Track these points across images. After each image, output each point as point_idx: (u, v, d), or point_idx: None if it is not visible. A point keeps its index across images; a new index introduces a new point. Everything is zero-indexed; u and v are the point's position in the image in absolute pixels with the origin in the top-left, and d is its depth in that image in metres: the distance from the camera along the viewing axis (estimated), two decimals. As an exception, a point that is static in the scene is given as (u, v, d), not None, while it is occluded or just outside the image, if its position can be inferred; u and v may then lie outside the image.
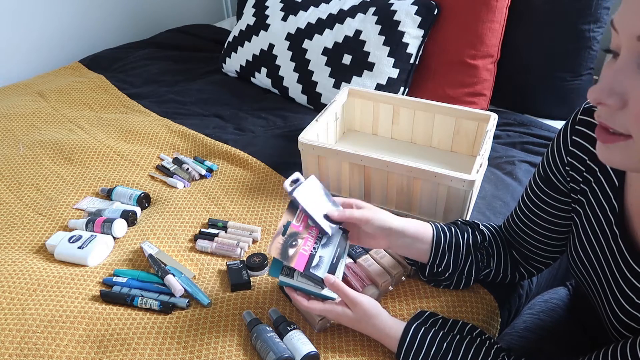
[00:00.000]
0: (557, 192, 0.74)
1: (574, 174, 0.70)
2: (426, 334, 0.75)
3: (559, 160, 0.72)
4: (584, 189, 0.69)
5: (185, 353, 0.80)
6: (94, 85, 1.67)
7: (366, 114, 1.33)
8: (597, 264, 0.68)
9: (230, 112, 1.51)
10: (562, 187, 0.73)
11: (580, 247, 0.70)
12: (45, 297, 0.89)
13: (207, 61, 1.84)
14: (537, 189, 0.76)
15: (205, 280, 0.94)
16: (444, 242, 0.83)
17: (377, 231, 0.80)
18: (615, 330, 0.65)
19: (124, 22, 2.14)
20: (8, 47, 1.79)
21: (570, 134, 0.69)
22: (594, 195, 0.67)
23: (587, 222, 0.69)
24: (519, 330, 0.90)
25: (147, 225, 1.06)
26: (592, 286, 0.71)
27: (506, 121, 1.40)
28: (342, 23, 1.47)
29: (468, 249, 0.84)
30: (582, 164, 0.68)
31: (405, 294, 0.91)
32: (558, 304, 0.94)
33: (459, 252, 0.84)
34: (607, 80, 0.49)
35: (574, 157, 0.69)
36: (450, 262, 0.84)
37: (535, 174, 0.78)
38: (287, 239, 0.77)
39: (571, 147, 0.69)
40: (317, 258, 0.78)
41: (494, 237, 0.87)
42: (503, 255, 0.87)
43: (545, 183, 0.75)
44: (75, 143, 1.33)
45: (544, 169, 0.75)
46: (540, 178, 0.76)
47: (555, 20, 1.36)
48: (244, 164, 1.26)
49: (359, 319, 0.77)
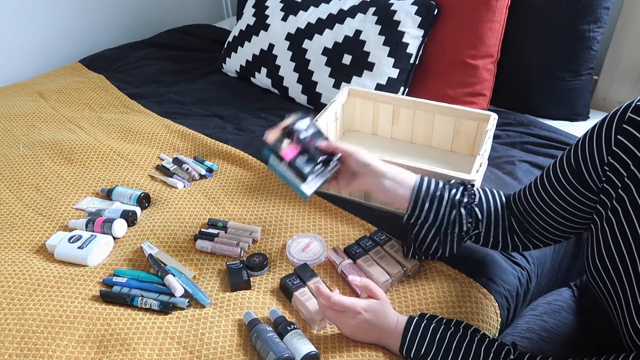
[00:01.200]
0: (585, 188, 0.70)
1: (612, 176, 0.65)
2: (429, 324, 0.75)
3: (597, 158, 0.67)
4: (622, 195, 0.63)
5: (185, 353, 0.80)
6: (94, 85, 1.67)
7: (366, 114, 1.33)
8: (624, 275, 0.64)
9: (230, 112, 1.51)
10: (593, 185, 0.69)
11: (608, 256, 0.66)
12: (45, 297, 0.89)
13: (207, 61, 1.84)
14: (562, 177, 0.73)
15: (205, 280, 0.94)
16: (426, 190, 0.82)
17: (359, 168, 0.85)
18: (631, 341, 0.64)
19: (124, 22, 2.14)
20: (8, 47, 1.79)
21: (615, 132, 0.64)
22: (633, 205, 0.62)
23: (620, 233, 0.64)
24: (521, 331, 0.89)
25: (147, 225, 1.06)
26: (611, 294, 0.67)
27: (506, 121, 1.40)
28: (342, 23, 1.47)
29: (452, 204, 0.83)
30: (625, 168, 0.63)
31: (405, 294, 0.91)
32: (562, 305, 0.93)
33: (442, 204, 0.82)
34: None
35: (616, 158, 0.64)
36: (430, 213, 0.83)
37: (564, 162, 0.73)
38: (285, 134, 0.91)
39: (614, 147, 0.64)
40: (303, 157, 0.90)
41: (488, 200, 0.85)
42: (501, 220, 0.84)
43: (574, 175, 0.71)
44: (75, 143, 1.33)
45: (576, 161, 0.70)
46: (569, 168, 0.72)
47: (555, 20, 1.36)
48: (244, 164, 1.26)
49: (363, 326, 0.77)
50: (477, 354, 0.71)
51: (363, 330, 0.79)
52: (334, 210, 1.11)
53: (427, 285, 0.92)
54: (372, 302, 0.79)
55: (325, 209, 1.12)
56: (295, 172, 0.89)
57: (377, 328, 0.78)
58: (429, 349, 0.74)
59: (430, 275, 0.95)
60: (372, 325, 0.78)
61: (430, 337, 0.74)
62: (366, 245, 0.98)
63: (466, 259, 0.97)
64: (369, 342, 0.80)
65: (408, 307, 0.88)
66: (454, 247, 0.89)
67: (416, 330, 0.75)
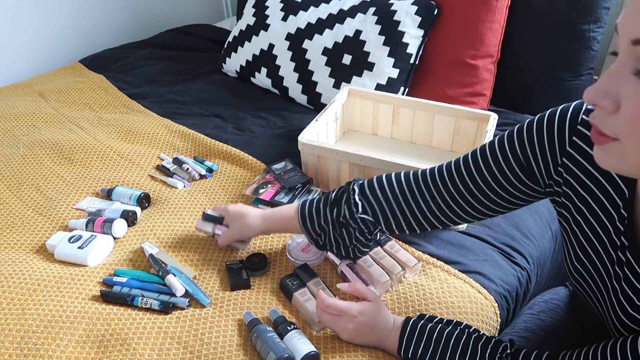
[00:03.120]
0: (533, 182, 0.70)
1: (569, 177, 0.66)
2: (426, 325, 0.75)
3: (550, 157, 0.67)
4: (584, 196, 0.65)
5: (185, 353, 0.80)
6: (94, 85, 1.67)
7: (366, 114, 1.33)
8: (603, 272, 0.65)
9: (230, 112, 1.51)
10: (541, 181, 0.69)
11: (584, 255, 0.68)
12: (45, 297, 0.89)
13: (207, 61, 1.84)
14: (505, 167, 0.70)
15: (205, 280, 0.94)
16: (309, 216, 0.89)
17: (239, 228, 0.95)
18: (619, 333, 0.65)
19: (124, 22, 2.14)
20: (8, 47, 1.79)
21: (569, 134, 0.65)
22: (598, 204, 0.63)
23: (591, 231, 0.65)
24: (519, 330, 0.90)
25: (147, 225, 1.06)
26: (594, 293, 0.69)
27: (506, 121, 1.40)
28: (342, 23, 1.47)
29: (340, 224, 0.87)
30: (580, 169, 0.64)
31: (405, 294, 0.91)
32: (558, 304, 0.94)
33: (328, 230, 0.88)
34: (603, 82, 0.49)
35: (570, 159, 0.65)
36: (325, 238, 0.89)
37: (507, 150, 0.70)
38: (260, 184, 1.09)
39: (569, 148, 0.65)
40: (282, 194, 1.08)
41: (377, 197, 0.83)
42: (405, 206, 0.81)
43: (522, 170, 0.69)
44: (75, 143, 1.33)
45: (524, 155, 0.69)
46: (515, 160, 0.69)
47: (555, 20, 1.36)
48: (244, 164, 1.26)
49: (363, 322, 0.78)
50: (475, 351, 0.71)
51: (361, 333, 0.79)
52: (334, 210, 1.11)
53: (426, 285, 0.92)
54: (367, 305, 0.79)
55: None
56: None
57: (374, 330, 0.78)
58: (427, 348, 0.74)
59: (430, 275, 0.95)
60: (369, 328, 0.78)
61: (427, 337, 0.74)
62: (366, 245, 0.98)
63: (466, 259, 0.98)
64: (368, 345, 0.80)
65: (408, 307, 0.88)
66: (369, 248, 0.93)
67: (413, 330, 0.76)
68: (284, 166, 1.16)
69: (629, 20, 0.47)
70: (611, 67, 0.50)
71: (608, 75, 0.49)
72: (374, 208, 0.83)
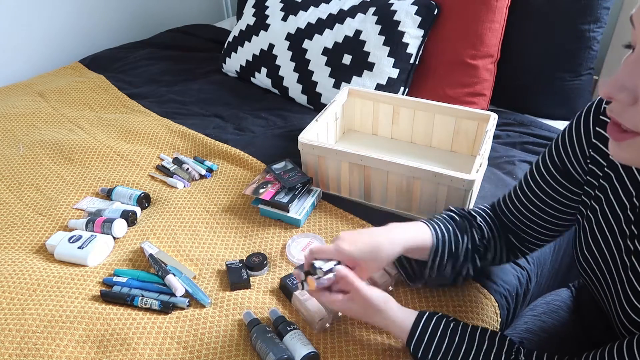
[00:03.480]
0: (573, 184, 0.71)
1: (594, 167, 0.67)
2: (438, 323, 0.74)
3: (579, 152, 0.69)
4: (604, 185, 0.66)
5: (185, 353, 0.80)
6: (94, 85, 1.67)
7: (366, 114, 1.33)
8: (611, 261, 0.66)
9: (230, 112, 1.51)
10: (579, 178, 0.71)
11: (594, 244, 0.68)
12: (45, 297, 0.89)
13: (207, 61, 1.84)
14: (548, 175, 0.74)
15: (205, 280, 0.94)
16: (442, 250, 0.80)
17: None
18: (624, 328, 0.65)
19: (124, 22, 2.14)
20: (8, 47, 1.79)
21: (592, 124, 0.66)
22: (614, 193, 0.65)
23: (604, 220, 0.66)
24: (520, 331, 0.90)
25: (147, 225, 1.06)
26: (601, 283, 0.69)
27: (506, 121, 1.41)
28: (342, 23, 1.47)
29: (466, 253, 0.82)
30: (604, 158, 0.66)
31: (405, 293, 0.91)
32: (560, 305, 0.94)
33: (458, 258, 0.81)
34: (619, 75, 0.48)
35: (596, 150, 0.66)
36: (449, 269, 0.82)
37: (547, 161, 0.74)
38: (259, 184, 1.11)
39: (594, 140, 0.66)
40: (281, 194, 1.08)
41: (489, 227, 0.85)
42: (500, 242, 0.85)
43: (561, 173, 0.72)
44: (75, 143, 1.33)
45: (559, 158, 0.72)
46: (554, 166, 0.73)
47: (555, 20, 1.36)
48: (244, 164, 1.26)
49: (368, 312, 0.75)
50: (491, 345, 0.70)
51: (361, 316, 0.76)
52: (334, 210, 1.11)
53: (427, 285, 0.92)
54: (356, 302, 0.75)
55: (325, 209, 1.12)
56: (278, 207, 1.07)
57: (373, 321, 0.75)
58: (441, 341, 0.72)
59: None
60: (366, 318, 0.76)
61: (438, 339, 0.72)
62: (366, 245, 0.98)
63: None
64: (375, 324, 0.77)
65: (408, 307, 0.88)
66: (464, 280, 0.89)
67: (424, 332, 0.73)
68: (284, 166, 1.16)
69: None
70: (627, 60, 0.49)
71: (625, 68, 0.48)
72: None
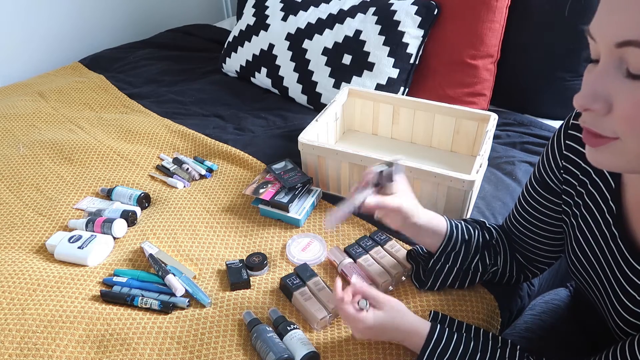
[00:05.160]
0: (553, 194, 0.75)
1: (568, 177, 0.71)
2: (452, 335, 0.73)
3: (554, 164, 0.73)
4: (580, 191, 0.70)
5: (185, 353, 0.80)
6: (94, 85, 1.67)
7: (366, 114, 1.33)
8: (597, 264, 0.68)
9: (230, 112, 1.51)
10: (557, 189, 0.74)
11: (579, 249, 0.71)
12: (45, 297, 0.89)
13: (207, 61, 1.84)
14: (533, 192, 0.78)
15: (205, 280, 0.94)
16: (456, 236, 0.84)
17: (399, 217, 0.81)
18: (619, 329, 0.65)
19: (124, 22, 2.14)
20: (8, 47, 1.79)
21: (564, 139, 0.71)
22: (590, 198, 0.68)
23: (585, 224, 0.69)
24: (520, 330, 0.90)
25: (147, 225, 1.06)
26: (592, 287, 0.71)
27: (506, 121, 1.41)
28: (342, 23, 1.47)
29: (477, 246, 0.85)
30: (576, 167, 0.70)
31: (405, 293, 0.91)
32: (559, 304, 0.94)
33: (469, 248, 0.85)
34: (590, 87, 0.50)
35: (568, 161, 0.71)
36: (458, 257, 0.84)
37: (532, 177, 0.79)
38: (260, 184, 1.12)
39: (565, 152, 0.71)
40: (282, 194, 1.08)
41: (499, 236, 0.88)
42: (509, 254, 0.87)
43: (541, 186, 0.76)
44: (75, 143, 1.33)
45: (539, 172, 0.76)
46: (536, 181, 0.77)
47: (555, 20, 1.36)
48: (244, 163, 1.26)
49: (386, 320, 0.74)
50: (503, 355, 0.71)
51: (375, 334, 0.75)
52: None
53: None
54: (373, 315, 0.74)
55: (325, 209, 1.12)
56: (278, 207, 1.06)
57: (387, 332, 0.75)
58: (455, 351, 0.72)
59: (430, 275, 0.95)
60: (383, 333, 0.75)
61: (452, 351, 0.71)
62: (366, 245, 0.98)
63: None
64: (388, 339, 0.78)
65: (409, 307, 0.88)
66: (472, 282, 0.90)
67: (438, 343, 0.72)
68: (284, 166, 1.16)
69: (606, 24, 0.48)
70: (594, 71, 0.50)
71: (593, 79, 0.50)
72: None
